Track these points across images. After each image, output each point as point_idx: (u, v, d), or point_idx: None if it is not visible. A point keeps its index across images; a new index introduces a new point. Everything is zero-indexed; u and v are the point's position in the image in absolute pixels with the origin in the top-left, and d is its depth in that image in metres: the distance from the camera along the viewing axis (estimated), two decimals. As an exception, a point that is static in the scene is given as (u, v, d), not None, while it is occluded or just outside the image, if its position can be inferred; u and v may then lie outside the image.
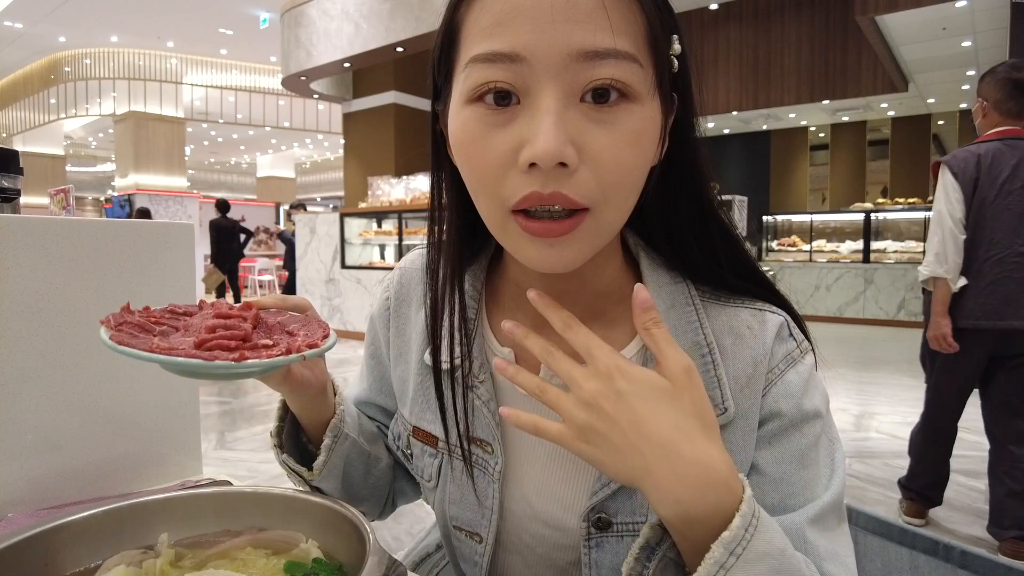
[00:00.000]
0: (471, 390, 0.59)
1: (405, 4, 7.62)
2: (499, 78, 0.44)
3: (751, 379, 0.54)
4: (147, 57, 17.32)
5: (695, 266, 0.58)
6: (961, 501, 2.72)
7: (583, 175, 0.44)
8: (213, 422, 4.01)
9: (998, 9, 6.12)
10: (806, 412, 0.54)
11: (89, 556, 0.51)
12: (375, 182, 7.67)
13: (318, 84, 10.17)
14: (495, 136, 0.45)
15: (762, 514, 0.42)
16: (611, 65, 0.43)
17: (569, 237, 0.46)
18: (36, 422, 0.77)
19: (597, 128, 0.44)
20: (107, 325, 0.49)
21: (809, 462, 0.54)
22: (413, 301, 0.67)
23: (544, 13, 0.43)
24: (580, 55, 0.43)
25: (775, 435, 0.54)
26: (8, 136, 20.42)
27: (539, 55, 0.43)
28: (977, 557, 0.96)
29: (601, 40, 0.43)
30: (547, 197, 0.44)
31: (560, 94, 0.44)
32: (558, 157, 0.43)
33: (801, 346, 0.57)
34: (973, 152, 2.23)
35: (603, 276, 0.58)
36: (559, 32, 0.43)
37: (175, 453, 0.91)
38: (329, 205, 22.41)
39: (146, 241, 0.87)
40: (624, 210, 0.49)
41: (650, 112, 0.46)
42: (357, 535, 0.48)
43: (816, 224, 9.52)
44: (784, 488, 0.53)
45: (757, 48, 9.02)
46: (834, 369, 5.44)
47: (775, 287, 0.60)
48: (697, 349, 0.55)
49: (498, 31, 0.44)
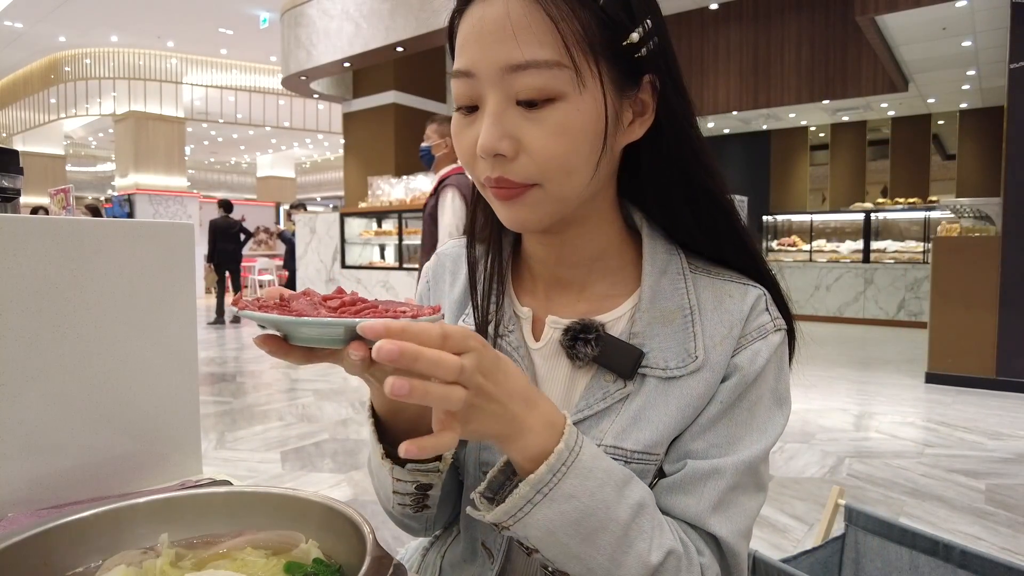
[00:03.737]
0: (501, 338, 0.67)
1: (405, 4, 7.62)
2: (462, 92, 0.57)
3: (724, 338, 0.61)
4: (147, 57, 17.32)
5: (688, 237, 0.66)
6: (961, 501, 2.73)
7: (522, 161, 0.55)
8: (213, 422, 4.01)
9: (998, 9, 6.12)
10: (757, 378, 0.61)
11: (89, 556, 0.51)
12: (375, 182, 7.67)
13: (318, 84, 10.18)
14: (467, 133, 0.58)
15: (580, 460, 0.51)
16: (531, 75, 0.53)
17: (519, 201, 0.57)
18: (36, 422, 0.77)
19: (530, 124, 0.54)
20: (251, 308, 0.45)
21: (738, 421, 0.60)
22: (446, 280, 0.77)
23: (484, 36, 0.54)
24: (508, 68, 0.53)
25: (725, 391, 0.61)
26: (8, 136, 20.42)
27: (482, 71, 0.54)
28: (977, 557, 0.96)
29: (521, 54, 0.52)
30: (495, 180, 0.57)
31: (499, 99, 0.54)
32: (493, 150, 0.54)
33: (775, 321, 0.63)
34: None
35: (595, 243, 0.66)
36: (492, 51, 0.53)
37: (175, 453, 0.91)
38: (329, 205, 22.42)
39: (146, 241, 0.87)
40: (572, 185, 0.57)
41: (580, 105, 0.54)
42: (357, 535, 0.48)
43: (816, 224, 9.52)
44: (710, 438, 0.60)
45: (757, 48, 9.02)
46: (834, 369, 5.44)
47: (763, 260, 0.67)
48: (680, 311, 0.63)
49: (461, 52, 0.56)
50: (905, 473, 3.07)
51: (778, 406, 0.62)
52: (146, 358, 0.87)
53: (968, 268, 4.80)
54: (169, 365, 0.90)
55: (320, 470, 3.22)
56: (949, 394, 4.63)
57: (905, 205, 8.71)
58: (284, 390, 4.84)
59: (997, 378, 4.70)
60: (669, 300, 0.63)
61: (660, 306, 0.63)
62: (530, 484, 0.49)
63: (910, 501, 2.73)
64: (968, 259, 4.82)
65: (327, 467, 3.25)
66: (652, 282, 0.63)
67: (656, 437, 0.59)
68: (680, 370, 0.60)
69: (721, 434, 0.60)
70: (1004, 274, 4.64)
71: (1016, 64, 4.61)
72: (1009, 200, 4.62)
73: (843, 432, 3.71)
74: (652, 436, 0.59)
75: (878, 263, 8.12)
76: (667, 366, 0.60)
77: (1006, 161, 4.63)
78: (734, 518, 0.58)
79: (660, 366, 0.61)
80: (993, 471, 3.10)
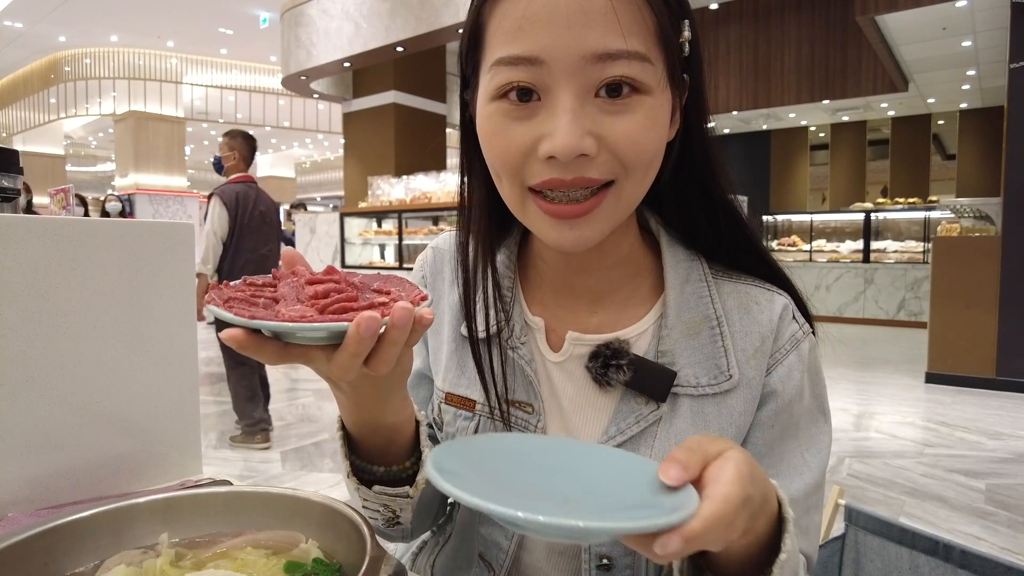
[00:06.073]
0: (513, 351, 0.63)
1: (405, 4, 7.62)
2: (521, 78, 0.49)
3: (757, 351, 0.59)
4: (147, 57, 17.32)
5: (706, 244, 0.63)
6: (961, 501, 2.73)
7: (603, 158, 0.49)
8: (213, 422, 4.01)
9: (998, 9, 6.12)
10: (796, 396, 0.59)
11: (89, 556, 0.51)
12: (375, 182, 7.67)
13: (318, 84, 10.17)
14: (517, 128, 0.50)
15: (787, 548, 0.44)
16: (622, 65, 0.47)
17: (589, 217, 0.51)
18: (36, 422, 0.77)
19: (613, 118, 0.49)
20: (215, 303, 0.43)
21: (788, 438, 0.59)
22: (446, 277, 0.71)
23: (559, 19, 0.47)
24: (593, 57, 0.47)
25: (768, 417, 0.59)
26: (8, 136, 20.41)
27: (556, 58, 0.47)
28: (977, 557, 0.96)
29: (612, 43, 0.47)
30: (569, 182, 0.49)
31: (577, 92, 0.48)
32: (577, 151, 0.48)
33: (803, 328, 0.61)
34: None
35: (619, 250, 0.62)
36: (573, 36, 0.47)
37: (175, 453, 0.91)
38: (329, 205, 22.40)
39: (146, 241, 0.87)
40: (643, 185, 0.53)
41: (660, 101, 0.50)
42: (357, 535, 0.48)
43: (816, 224, 9.51)
44: (764, 464, 0.58)
45: (757, 48, 9.02)
46: (834, 369, 5.44)
47: (779, 268, 0.64)
48: (707, 322, 0.59)
49: (519, 36, 0.48)
50: (905, 473, 3.07)
51: (821, 413, 0.61)
52: (146, 358, 0.87)
53: (968, 268, 4.80)
54: (169, 365, 0.90)
55: (320, 470, 3.22)
56: (949, 394, 4.63)
57: (905, 205, 8.71)
58: (284, 390, 4.84)
59: (997, 378, 4.69)
60: (694, 310, 0.60)
61: (684, 318, 0.60)
62: (780, 566, 0.43)
63: (910, 501, 2.73)
64: (968, 259, 4.81)
65: (327, 467, 3.25)
66: (675, 294, 0.60)
67: None
68: (713, 387, 0.58)
69: (775, 458, 0.58)
70: (1004, 274, 4.64)
71: (1016, 64, 4.61)
72: (1009, 200, 4.62)
73: (843, 432, 3.71)
74: None
75: (878, 263, 8.12)
76: (698, 383, 0.58)
77: (1006, 161, 4.63)
78: (813, 538, 0.58)
79: (691, 383, 0.58)
80: (993, 471, 3.10)
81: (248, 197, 3.53)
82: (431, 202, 6.80)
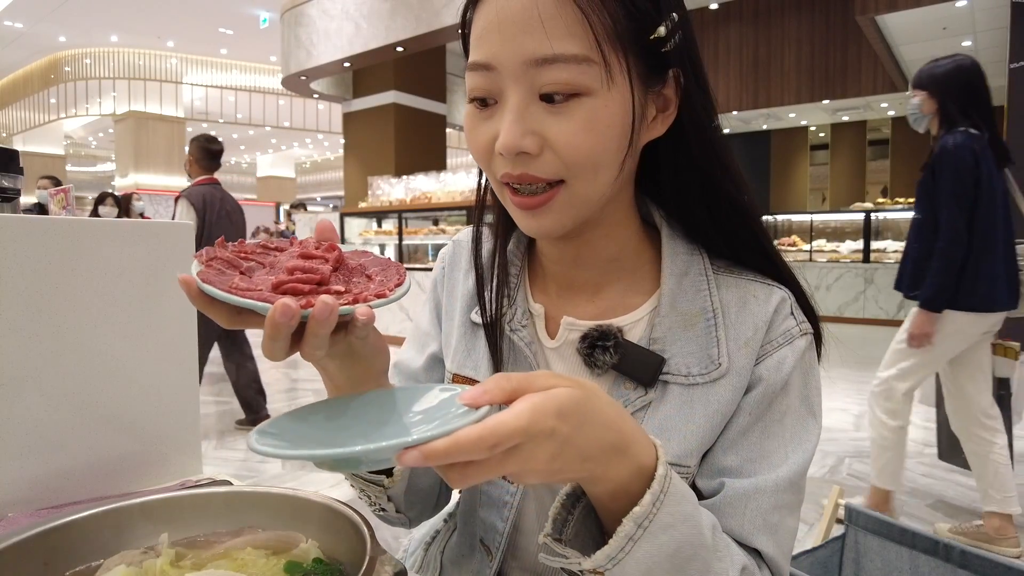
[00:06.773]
0: (513, 332, 0.66)
1: (405, 4, 7.62)
2: (479, 85, 0.54)
3: (749, 341, 0.59)
4: (147, 57, 17.33)
5: (707, 238, 0.64)
6: (961, 501, 2.72)
7: (547, 157, 0.53)
8: (213, 422, 4.01)
9: (998, 9, 6.12)
10: (783, 387, 0.58)
11: (89, 556, 0.51)
12: (375, 182, 7.67)
13: (318, 84, 10.17)
14: (482, 128, 0.55)
15: (672, 485, 0.45)
16: (558, 68, 0.50)
17: (544, 209, 0.55)
18: (36, 422, 0.77)
19: (554, 119, 0.52)
20: (199, 259, 0.46)
21: (770, 433, 0.58)
22: (462, 268, 0.75)
23: (506, 28, 0.51)
24: (533, 62, 0.50)
25: (751, 403, 0.58)
26: (8, 136, 20.42)
27: (503, 64, 0.51)
28: (977, 557, 0.96)
29: (548, 47, 0.50)
30: (517, 176, 0.54)
31: (521, 95, 0.52)
32: (516, 148, 0.52)
33: (801, 326, 0.61)
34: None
35: (612, 244, 0.63)
36: (516, 43, 0.51)
37: (175, 453, 0.91)
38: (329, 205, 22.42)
39: (146, 241, 0.87)
40: (596, 184, 0.55)
41: (606, 100, 0.52)
42: (357, 535, 0.48)
43: (816, 224, 9.51)
44: (743, 452, 0.57)
45: (757, 48, 9.02)
46: (834, 369, 5.43)
47: (786, 266, 0.64)
48: (703, 314, 0.60)
49: (479, 44, 0.53)
50: (905, 473, 3.07)
51: (810, 414, 0.59)
52: (146, 358, 0.87)
53: (968, 268, 4.78)
54: (169, 365, 0.90)
55: (320, 470, 3.21)
56: (949, 394, 4.61)
57: (905, 205, 8.70)
58: (284, 390, 4.84)
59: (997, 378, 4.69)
60: (691, 303, 0.60)
61: (681, 309, 0.60)
62: (634, 519, 0.43)
63: (910, 501, 2.73)
64: (968, 259, 4.80)
65: (327, 467, 3.25)
66: (672, 285, 0.61)
67: (686, 448, 0.57)
68: (703, 377, 0.58)
69: (754, 448, 0.57)
70: (1004, 274, 4.62)
71: (1016, 64, 4.61)
72: (1009, 200, 4.61)
73: (843, 432, 3.71)
74: (681, 447, 0.57)
75: (878, 263, 8.12)
76: (689, 372, 0.58)
77: (1006, 161, 4.63)
78: (780, 540, 0.55)
79: (682, 372, 0.58)
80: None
81: (215, 198, 3.75)
82: (431, 202, 6.80)
